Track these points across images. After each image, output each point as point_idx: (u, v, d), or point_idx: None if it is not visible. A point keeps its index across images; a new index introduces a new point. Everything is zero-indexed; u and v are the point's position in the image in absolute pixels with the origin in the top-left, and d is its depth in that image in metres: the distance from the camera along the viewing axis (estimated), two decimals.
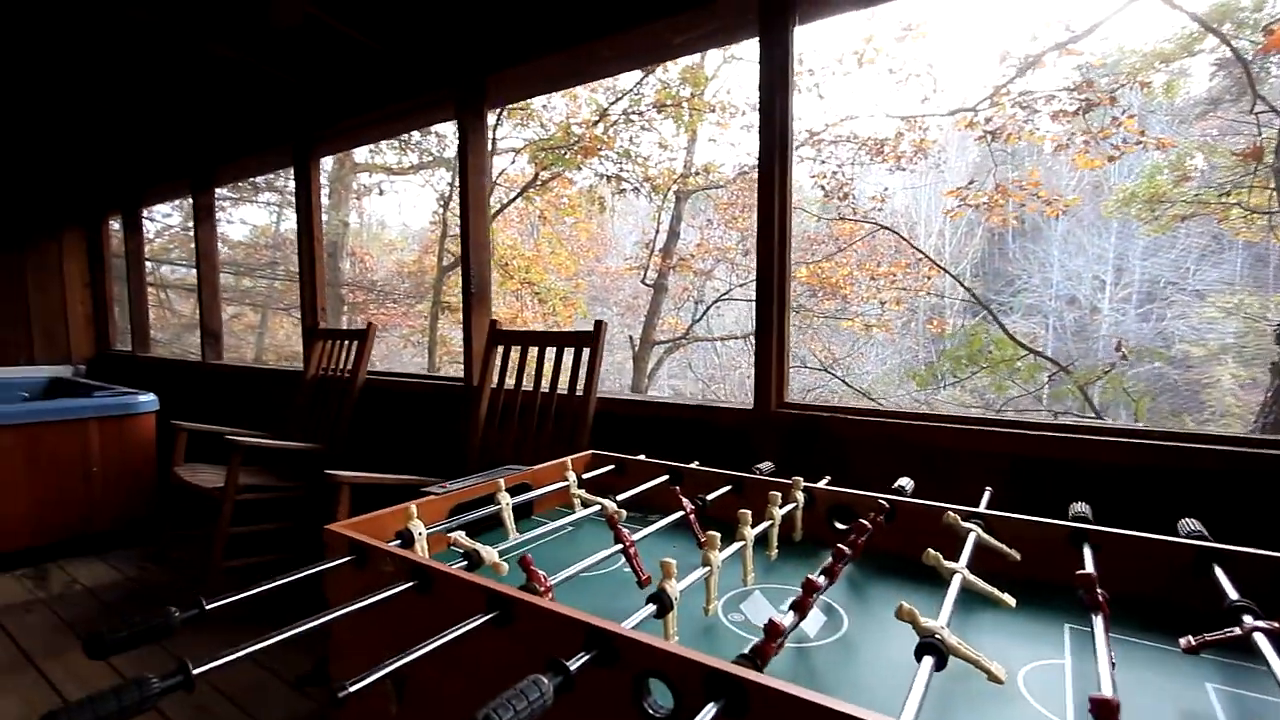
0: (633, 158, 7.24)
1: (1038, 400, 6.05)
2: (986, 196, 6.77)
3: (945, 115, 6.74)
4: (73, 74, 3.41)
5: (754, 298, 2.01)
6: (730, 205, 8.61)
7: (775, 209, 1.97)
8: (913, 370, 11.63)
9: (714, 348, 10.86)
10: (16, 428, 2.88)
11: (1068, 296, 12.11)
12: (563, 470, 1.40)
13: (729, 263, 9.09)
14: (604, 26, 2.20)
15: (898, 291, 7.91)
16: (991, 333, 6.37)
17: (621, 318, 12.18)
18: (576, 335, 2.32)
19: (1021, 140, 6.61)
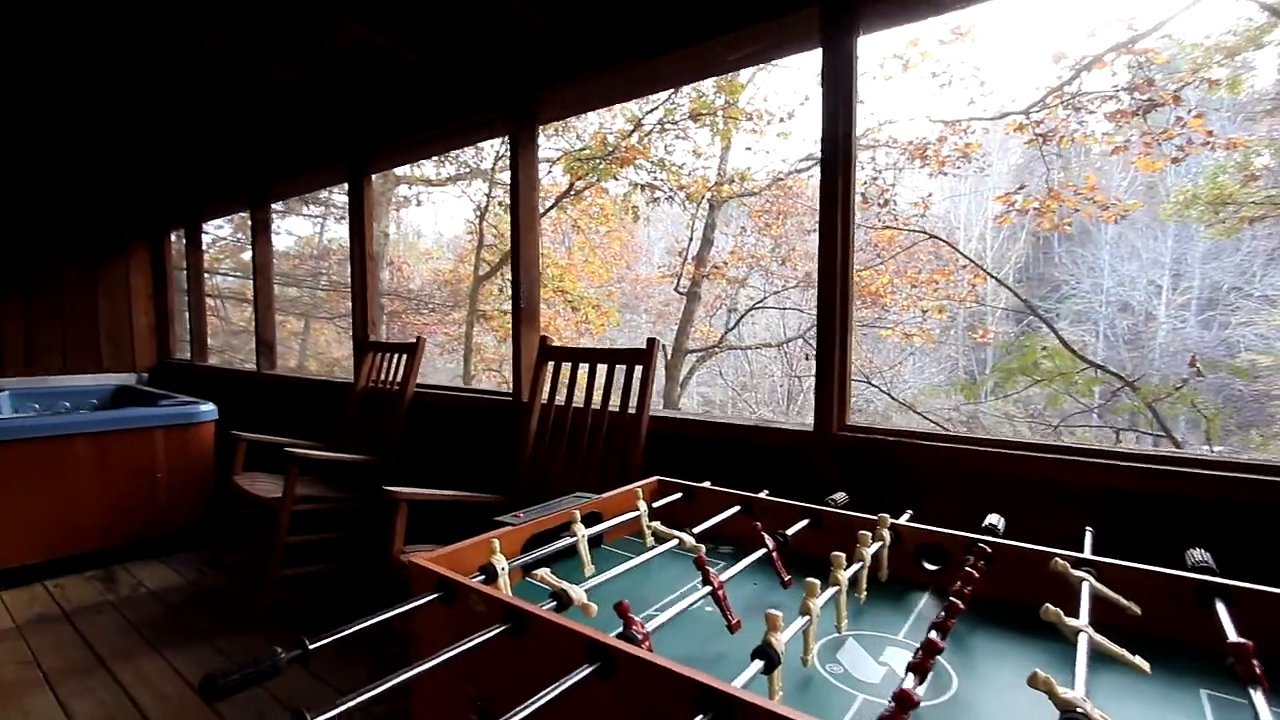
0: (667, 166, 7.22)
1: (1097, 417, 5.84)
2: (1038, 201, 6.56)
3: (994, 119, 6.54)
4: (143, 98, 3.54)
5: (814, 315, 1.97)
6: (764, 212, 8.53)
7: (838, 224, 1.93)
8: (959, 381, 11.37)
9: (745, 355, 10.76)
10: (91, 436, 3.00)
11: (1120, 303, 11.67)
12: (633, 499, 1.38)
13: (763, 270, 9.00)
14: (658, 45, 2.19)
15: (940, 300, 7.73)
16: (1048, 343, 6.16)
17: (653, 325, 12.16)
18: (628, 353, 2.31)
19: (1074, 142, 6.40)
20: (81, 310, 4.61)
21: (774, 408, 11.52)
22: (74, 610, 2.67)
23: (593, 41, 2.33)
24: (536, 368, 2.46)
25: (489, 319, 8.27)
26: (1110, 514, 1.43)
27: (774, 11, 1.96)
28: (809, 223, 8.94)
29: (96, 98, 3.53)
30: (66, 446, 2.96)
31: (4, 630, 2.50)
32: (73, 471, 2.99)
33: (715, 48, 2.15)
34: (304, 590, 2.81)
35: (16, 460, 2.84)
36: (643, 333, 12.01)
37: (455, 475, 2.94)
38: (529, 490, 2.38)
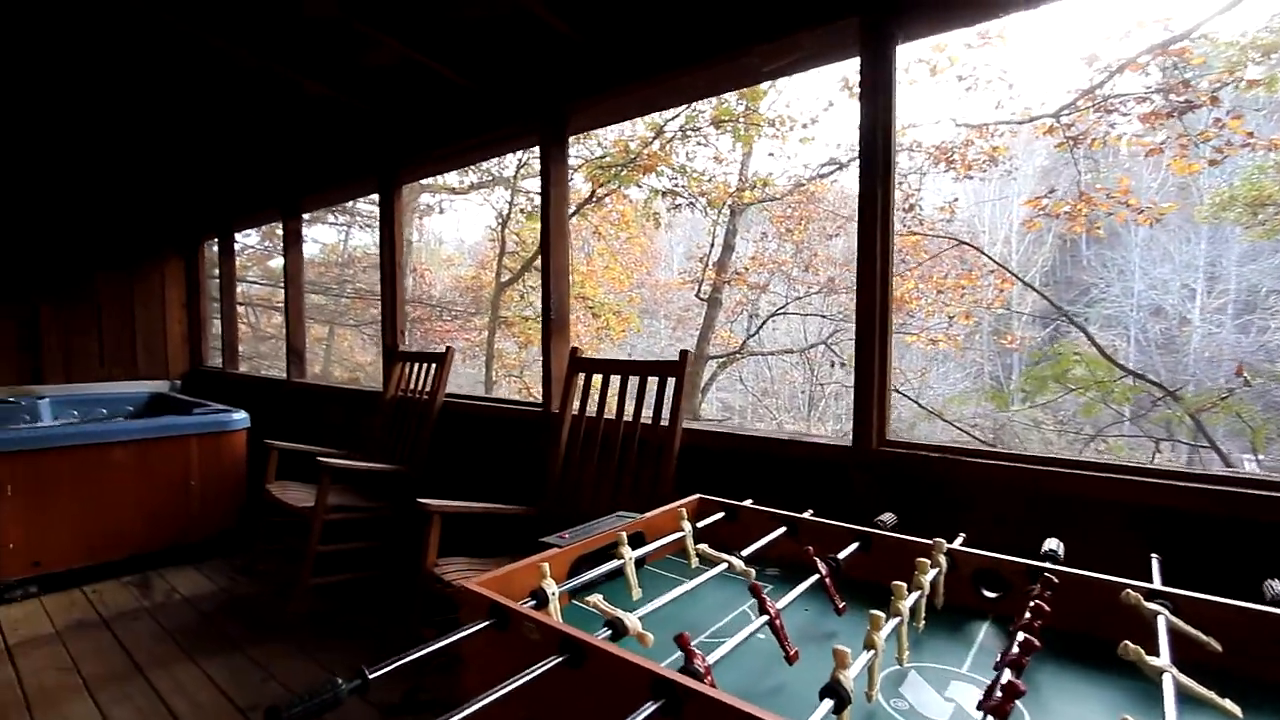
0: (688, 173, 7.21)
1: (1130, 424, 5.70)
2: (1069, 205, 6.44)
3: (1023, 122, 6.44)
4: (180, 112, 3.61)
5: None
6: (786, 218, 8.48)
7: (876, 234, 1.90)
8: (987, 388, 11.17)
9: (765, 361, 10.69)
10: (130, 444, 3.05)
11: (1152, 306, 11.40)
12: (677, 519, 1.36)
13: (784, 275, 8.94)
14: (693, 57, 2.18)
15: (967, 305, 7.61)
16: (1081, 350, 6.03)
17: (673, 330, 12.13)
18: (660, 365, 2.29)
19: (1106, 145, 6.27)
20: (118, 319, 4.71)
21: (795, 414, 11.43)
22: (112, 616, 2.71)
23: (626, 54, 2.33)
24: (567, 379, 2.45)
25: (510, 325, 8.30)
26: (1176, 539, 1.37)
27: (812, 21, 1.94)
28: (831, 228, 8.87)
29: (135, 112, 3.61)
30: (105, 454, 3.01)
31: (45, 636, 2.54)
32: (111, 478, 3.04)
33: (751, 59, 2.13)
34: (334, 599, 2.82)
35: (58, 467, 2.89)
36: (663, 339, 11.99)
37: (483, 485, 2.94)
38: (559, 502, 2.37)
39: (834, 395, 11.21)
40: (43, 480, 2.86)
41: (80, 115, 3.88)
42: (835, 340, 8.98)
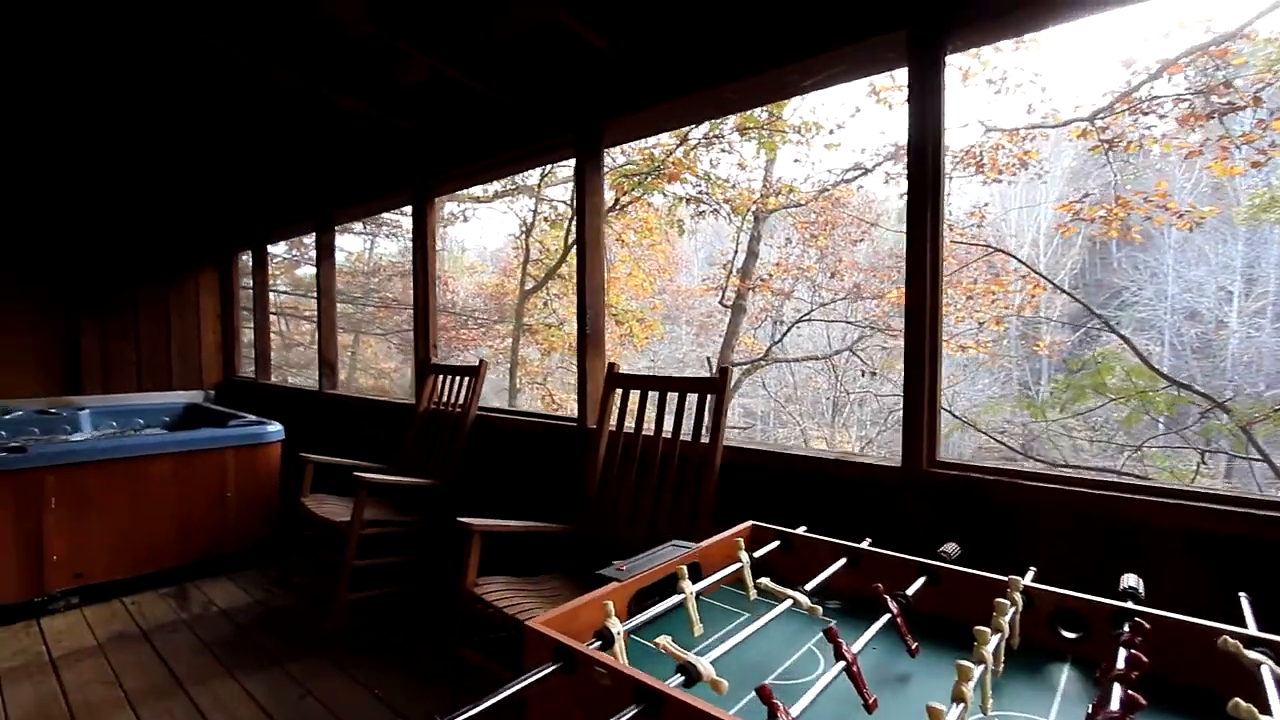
0: (712, 180, 7.17)
1: (1163, 429, 5.54)
2: (1105, 209, 6.30)
3: (1056, 126, 6.32)
4: (216, 127, 3.66)
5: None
6: (810, 224, 8.41)
7: (926, 249, 1.86)
8: (1019, 396, 10.95)
9: (788, 367, 10.59)
10: (169, 457, 3.09)
11: (1187, 310, 11.11)
12: (734, 549, 1.33)
13: (808, 281, 8.86)
14: (731, 72, 2.16)
15: (998, 311, 7.47)
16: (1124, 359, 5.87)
17: (695, 336, 12.08)
18: (700, 381, 2.26)
19: (1141, 148, 6.12)
20: (154, 330, 4.80)
21: (819, 420, 11.31)
22: (151, 629, 2.74)
23: (664, 69, 2.31)
24: (604, 395, 2.43)
25: (533, 333, 8.33)
26: (1266, 575, 1.31)
27: (858, 36, 1.90)
28: (856, 233, 8.79)
29: (173, 128, 3.67)
30: (145, 467, 3.05)
31: (88, 648, 2.57)
32: (150, 491, 3.08)
33: (793, 74, 2.10)
34: (369, 613, 2.83)
35: (100, 480, 2.93)
36: (684, 345, 11.94)
37: (517, 500, 2.93)
38: (596, 520, 2.35)
39: (858, 401, 11.09)
40: (85, 493, 2.90)
41: (121, 131, 3.96)
42: (861, 346, 8.88)
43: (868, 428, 11.22)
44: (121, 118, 3.72)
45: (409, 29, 2.32)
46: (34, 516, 2.78)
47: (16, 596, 2.76)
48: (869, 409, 11.18)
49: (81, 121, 3.86)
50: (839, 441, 10.94)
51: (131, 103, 3.45)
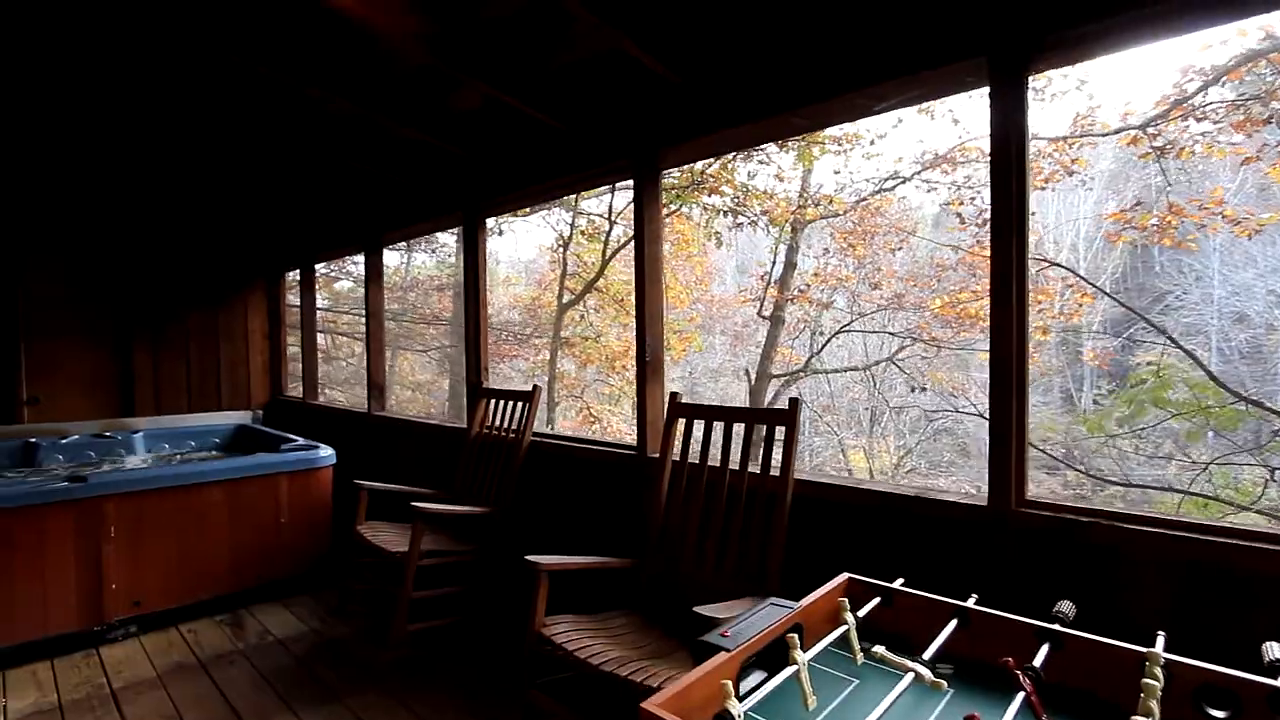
0: (750, 191, 7.10)
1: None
2: (1157, 218, 6.08)
3: (1106, 135, 6.13)
4: (268, 153, 3.70)
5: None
6: (849, 233, 8.28)
7: (1013, 275, 1.77)
8: (1059, 403, 10.64)
9: (825, 377, 10.44)
10: (222, 484, 3.11)
11: (1234, 314, 10.72)
12: (837, 607, 1.26)
13: (846, 291, 8.72)
14: (800, 98, 2.10)
15: (1045, 320, 7.26)
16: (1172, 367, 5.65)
17: (731, 346, 11.97)
18: (768, 413, 2.20)
19: (1194, 154, 5.90)
20: (204, 350, 4.88)
21: (856, 430, 11.12)
22: (209, 659, 2.73)
23: (727, 95, 2.26)
24: (667, 425, 2.37)
25: (570, 346, 8.32)
26: None
27: (937, 62, 1.83)
28: (894, 241, 8.64)
29: (226, 154, 3.72)
30: (201, 493, 3.07)
31: (147, 680, 2.57)
32: (206, 518, 3.09)
33: (864, 98, 2.03)
34: (424, 644, 2.79)
35: (158, 508, 2.96)
36: (719, 355, 11.83)
37: (573, 529, 2.88)
38: (660, 555, 2.29)
39: (895, 411, 10.88)
40: (144, 521, 2.93)
41: (177, 158, 4.03)
42: (901, 357, 8.70)
43: (906, 436, 11.01)
44: (177, 146, 3.79)
45: (468, 59, 2.30)
46: (94, 545, 2.81)
47: (77, 626, 2.78)
48: (905, 417, 10.97)
49: (139, 149, 3.94)
50: (877, 450, 10.74)
51: (188, 132, 3.51)
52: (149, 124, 3.43)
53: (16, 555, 2.64)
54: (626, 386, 8.81)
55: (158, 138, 3.61)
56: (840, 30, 2.00)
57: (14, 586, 2.64)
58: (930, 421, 10.34)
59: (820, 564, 2.09)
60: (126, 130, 3.55)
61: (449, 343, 9.40)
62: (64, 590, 2.75)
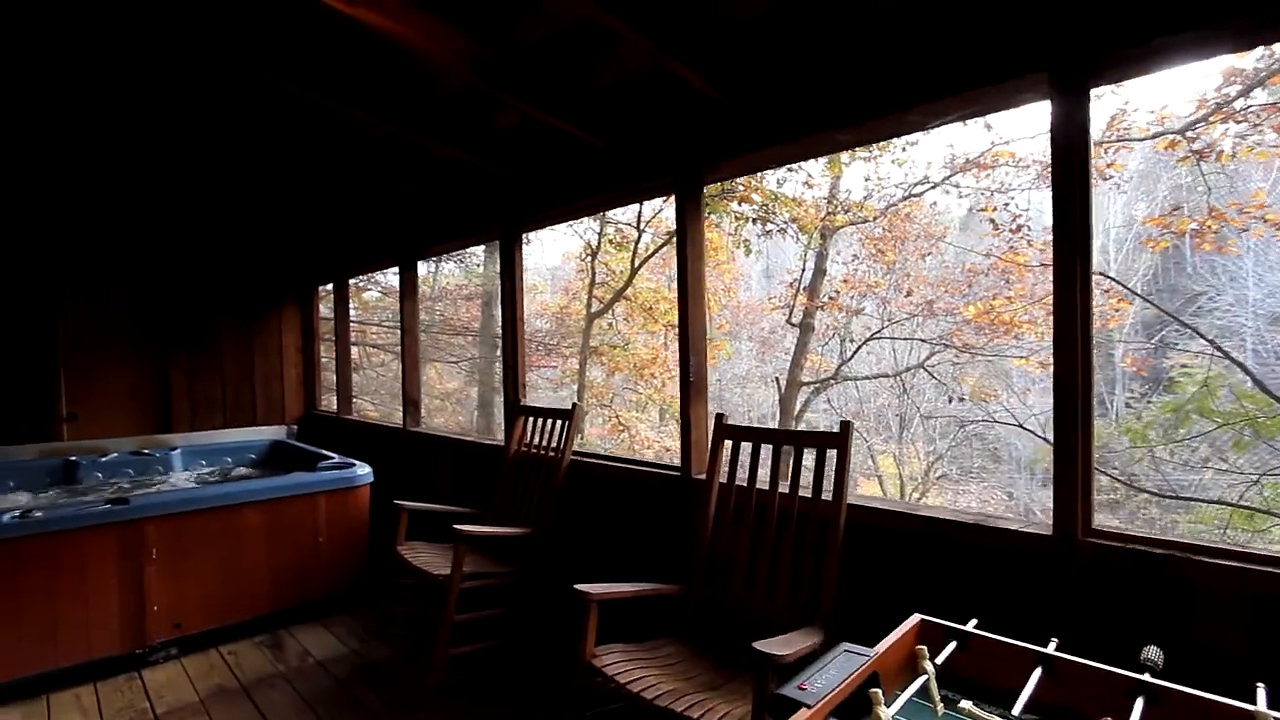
0: (779, 199, 7.04)
1: None
2: (1197, 222, 5.91)
3: (1144, 139, 5.98)
4: (305, 171, 3.73)
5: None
6: (878, 239, 8.18)
7: (1076, 293, 1.70)
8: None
9: (853, 381, 10.31)
10: (263, 504, 3.11)
11: (1270, 315, 10.43)
12: (913, 653, 1.20)
13: (876, 297, 8.61)
14: (849, 117, 2.05)
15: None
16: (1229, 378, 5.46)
17: (758, 352, 11.87)
18: (819, 436, 2.14)
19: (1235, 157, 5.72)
20: (239, 366, 4.93)
21: (885, 436, 10.97)
22: (250, 683, 2.72)
23: (773, 113, 2.21)
24: (714, 447, 2.32)
25: (598, 354, 8.30)
26: None
27: (993, 79, 1.78)
28: (925, 246, 8.52)
29: (264, 173, 3.75)
30: (241, 514, 3.07)
31: (190, 705, 2.56)
32: (245, 538, 3.10)
33: (916, 115, 1.98)
34: (466, 668, 2.76)
35: (198, 529, 2.96)
36: (747, 361, 11.74)
37: (615, 551, 2.84)
38: (708, 581, 2.24)
39: (925, 417, 10.71)
40: (184, 542, 2.93)
41: (215, 177, 4.08)
42: (933, 363, 8.56)
43: (936, 442, 10.84)
44: (215, 165, 3.83)
45: (509, 80, 2.28)
46: (136, 567, 2.82)
47: (119, 649, 2.78)
48: (934, 423, 10.80)
49: (178, 168, 3.99)
50: (906, 456, 10.57)
51: (226, 151, 3.54)
52: (188, 143, 3.47)
53: (61, 578, 2.65)
54: (654, 394, 8.78)
55: (196, 157, 3.65)
56: (893, 48, 1.94)
57: (58, 609, 2.65)
58: (961, 427, 10.16)
59: (874, 593, 2.03)
60: (166, 150, 3.60)
61: (477, 353, 9.43)
62: (107, 613, 2.76)
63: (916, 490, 9.89)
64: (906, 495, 9.76)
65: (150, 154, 3.66)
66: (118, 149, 3.61)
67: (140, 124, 3.22)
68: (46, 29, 2.31)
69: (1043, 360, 7.47)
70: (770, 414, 12.38)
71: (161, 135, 3.36)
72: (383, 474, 3.67)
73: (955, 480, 10.50)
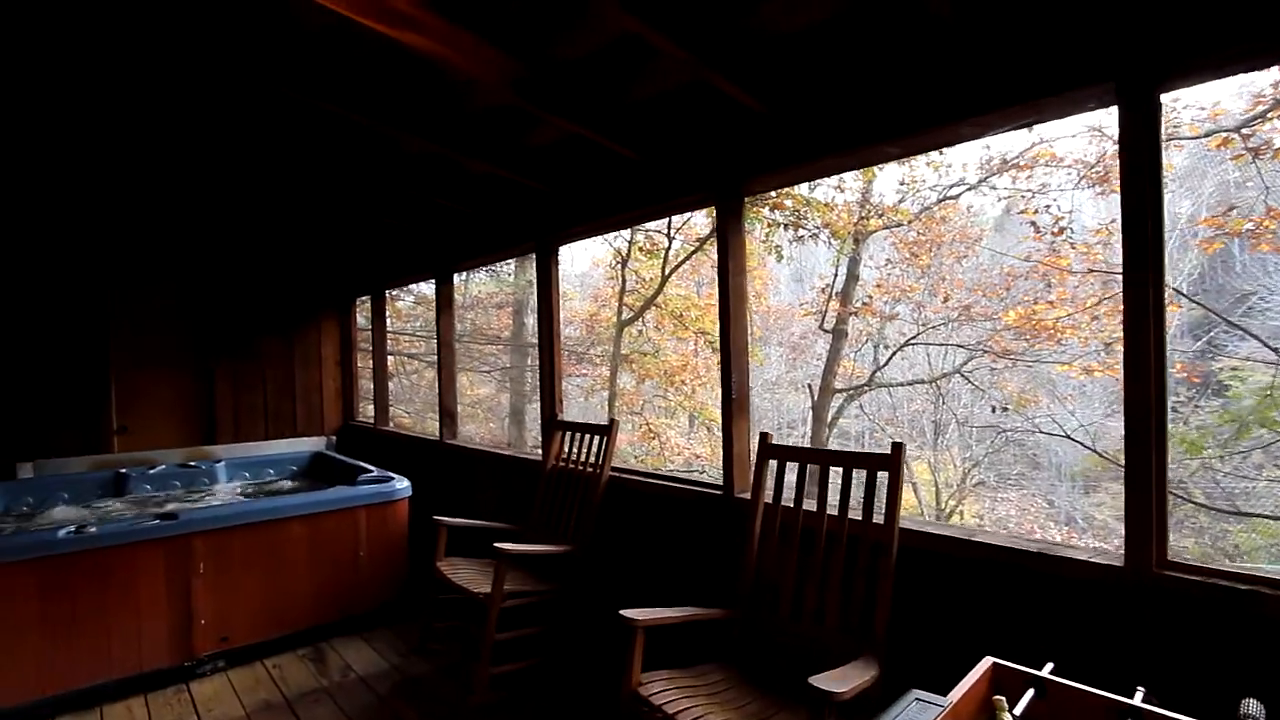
0: (812, 204, 6.94)
1: None
2: (1253, 222, 5.67)
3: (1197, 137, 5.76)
4: (347, 191, 3.77)
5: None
6: (912, 243, 8.03)
7: (1149, 314, 1.62)
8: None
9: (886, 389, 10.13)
10: (306, 518, 3.15)
11: None
12: (991, 704, 1.14)
13: (910, 302, 8.45)
14: (897, 129, 1.99)
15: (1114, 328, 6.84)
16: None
17: (789, 358, 11.74)
18: (869, 457, 2.08)
19: None
20: (280, 378, 5.03)
21: (920, 441, 10.75)
22: (294, 697, 2.74)
23: (819, 127, 2.16)
24: (758, 467, 2.27)
25: (628, 361, 8.29)
26: None
27: (1055, 90, 1.71)
28: (960, 249, 8.34)
29: (303, 187, 3.80)
30: (284, 528, 3.11)
31: (237, 719, 2.60)
32: (288, 552, 3.13)
33: (970, 126, 1.91)
34: (506, 686, 2.75)
35: (243, 543, 3.01)
36: (776, 367, 11.61)
37: (655, 570, 2.80)
38: (755, 606, 2.19)
39: (960, 422, 10.46)
40: (230, 556, 2.98)
41: (259, 194, 4.15)
42: (970, 368, 8.37)
43: (972, 448, 10.59)
44: (260, 181, 3.89)
45: (547, 96, 2.27)
46: (184, 581, 2.87)
47: (169, 661, 2.83)
48: (971, 428, 10.55)
49: (221, 187, 4.07)
50: (941, 463, 10.34)
51: (270, 168, 3.59)
52: (232, 161, 3.53)
53: (113, 592, 2.71)
54: (684, 401, 8.73)
55: (239, 174, 3.71)
56: (949, 58, 1.88)
57: (110, 622, 2.71)
58: (999, 433, 9.90)
59: (927, 622, 1.96)
60: (210, 167, 3.66)
61: (509, 362, 9.49)
62: (157, 626, 2.81)
63: (953, 498, 9.67)
64: (942, 503, 9.55)
65: (194, 171, 3.74)
66: (164, 167, 3.69)
67: (186, 143, 3.29)
68: (101, 47, 2.36)
69: (1087, 366, 7.24)
70: (801, 419, 12.21)
71: (206, 154, 3.43)
72: (420, 486, 3.68)
73: (993, 488, 10.23)
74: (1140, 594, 1.59)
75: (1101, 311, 6.86)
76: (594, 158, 2.87)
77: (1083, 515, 9.16)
